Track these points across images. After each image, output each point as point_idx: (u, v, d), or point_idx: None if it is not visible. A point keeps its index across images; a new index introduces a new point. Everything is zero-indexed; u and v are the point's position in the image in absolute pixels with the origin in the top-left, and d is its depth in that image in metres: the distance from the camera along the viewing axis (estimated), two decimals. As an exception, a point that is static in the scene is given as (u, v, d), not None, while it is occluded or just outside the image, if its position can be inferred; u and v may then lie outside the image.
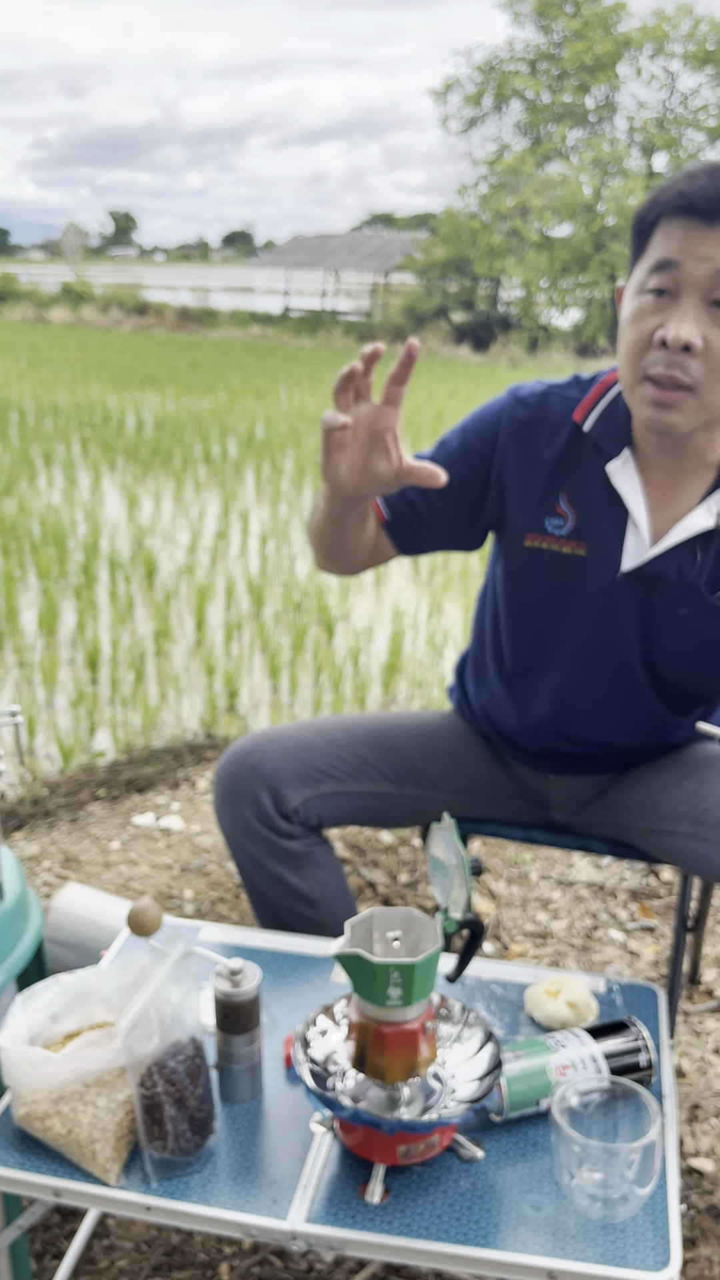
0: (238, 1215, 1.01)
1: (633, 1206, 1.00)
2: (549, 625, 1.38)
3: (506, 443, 1.34)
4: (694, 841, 1.33)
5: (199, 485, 7.14)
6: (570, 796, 1.52)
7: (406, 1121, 1.00)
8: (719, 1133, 1.52)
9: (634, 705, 1.40)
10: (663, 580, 1.30)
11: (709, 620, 1.31)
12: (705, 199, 1.12)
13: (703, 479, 1.29)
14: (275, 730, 1.46)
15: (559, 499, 1.32)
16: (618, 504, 1.29)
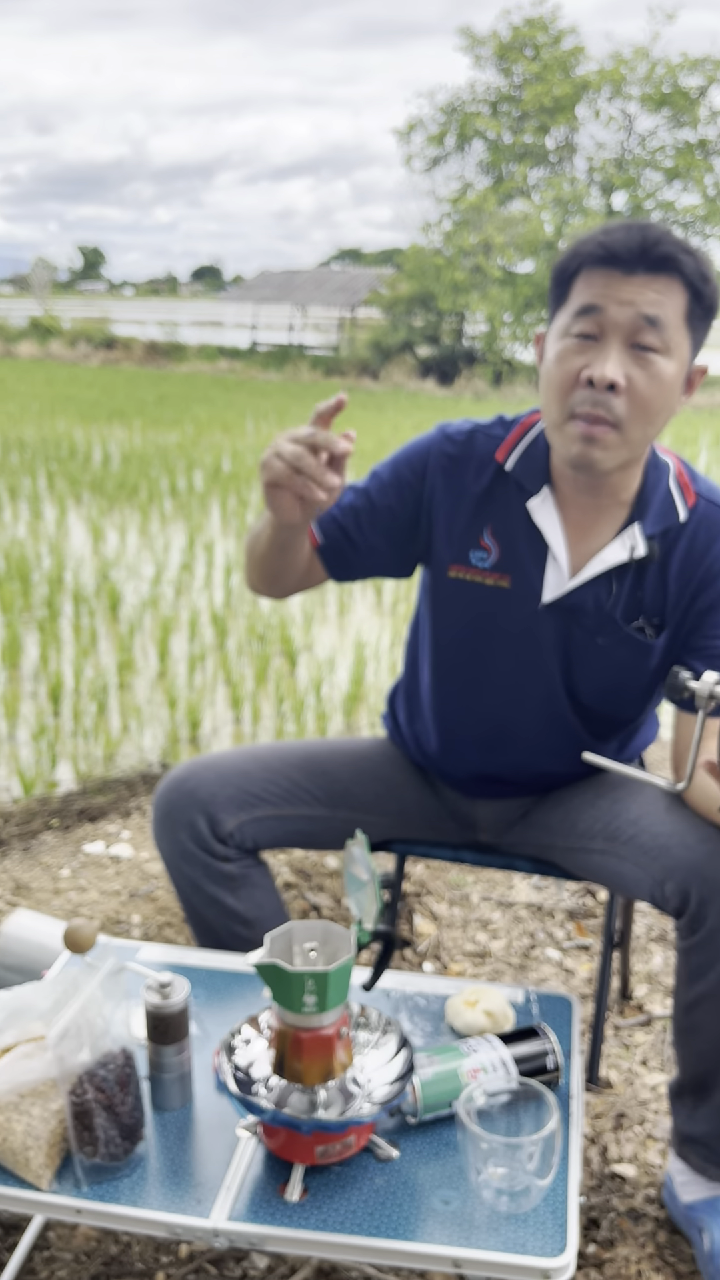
0: (164, 1215, 1.07)
1: (534, 1198, 1.07)
2: (475, 654, 1.45)
3: (435, 477, 1.42)
4: (607, 857, 1.41)
5: (165, 518, 7.21)
6: (496, 818, 1.59)
7: (322, 1121, 1.07)
8: (642, 1140, 1.59)
9: (557, 732, 1.47)
10: (581, 611, 1.38)
11: (624, 648, 1.39)
12: (625, 250, 1.22)
13: (617, 515, 1.38)
14: (211, 757, 1.53)
15: (483, 533, 1.40)
16: (538, 539, 1.38)
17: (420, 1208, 1.07)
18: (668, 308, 1.22)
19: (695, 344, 1.28)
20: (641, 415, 1.24)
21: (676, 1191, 1.41)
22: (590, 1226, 1.42)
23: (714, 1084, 1.31)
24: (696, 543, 1.36)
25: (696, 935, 1.25)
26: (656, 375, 1.23)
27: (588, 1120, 1.62)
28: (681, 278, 1.22)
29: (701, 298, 1.24)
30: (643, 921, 2.17)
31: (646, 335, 1.22)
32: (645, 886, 1.33)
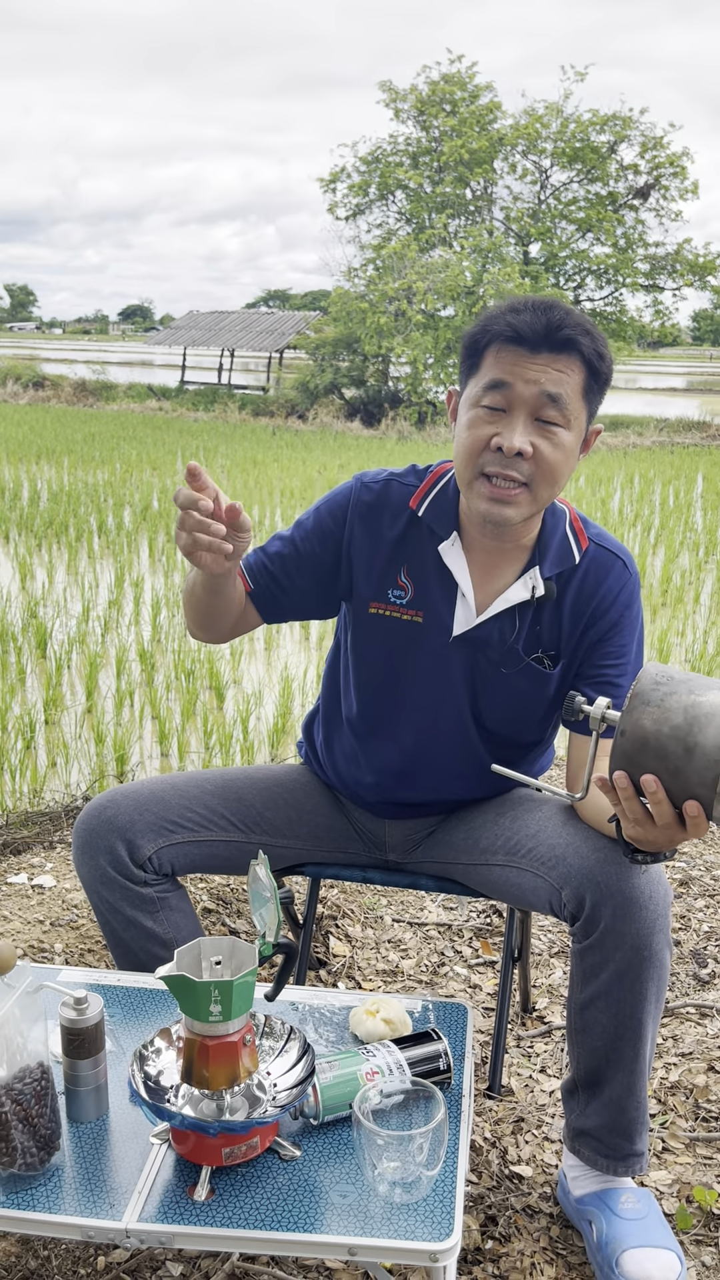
0: (78, 1220, 1.13)
1: (424, 1188, 1.16)
2: (393, 683, 1.57)
3: (354, 523, 1.55)
4: (508, 870, 1.52)
5: (93, 556, 7.23)
6: (403, 838, 1.69)
7: (227, 1122, 1.14)
8: (539, 1142, 1.69)
9: (466, 757, 1.59)
10: (487, 644, 1.51)
11: (525, 678, 1.53)
12: (531, 332, 1.36)
13: (519, 557, 1.52)
14: (130, 786, 1.61)
15: (400, 573, 1.53)
16: (449, 578, 1.51)
17: (320, 1202, 1.15)
18: (567, 385, 1.37)
19: (591, 412, 1.44)
20: (546, 478, 1.40)
21: (569, 1187, 1.50)
22: (488, 1223, 1.51)
23: (605, 1079, 1.42)
24: (587, 582, 1.51)
25: (590, 938, 1.36)
26: (558, 444, 1.39)
27: (489, 1125, 1.71)
28: (580, 357, 1.38)
29: (598, 374, 1.40)
30: (545, 937, 2.29)
31: (549, 410, 1.37)
32: (543, 895, 1.44)
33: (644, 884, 1.34)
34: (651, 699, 1.11)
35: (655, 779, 1.11)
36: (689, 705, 1.09)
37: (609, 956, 1.35)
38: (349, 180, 21.47)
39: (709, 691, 1.10)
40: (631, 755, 1.12)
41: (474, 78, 20.34)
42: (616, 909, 1.33)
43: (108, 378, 26.01)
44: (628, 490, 11.10)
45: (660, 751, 1.10)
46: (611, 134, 19.66)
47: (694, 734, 1.08)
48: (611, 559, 1.52)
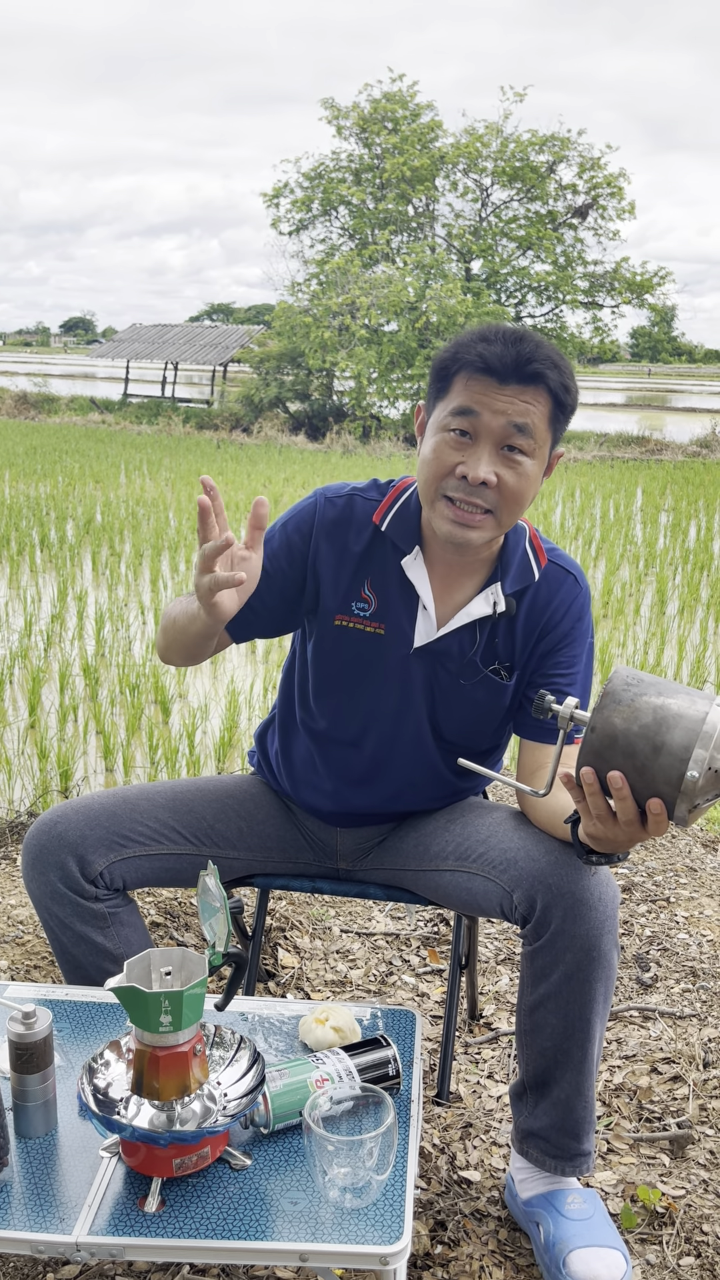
0: (27, 1235, 1.12)
1: (374, 1192, 1.17)
2: (353, 694, 1.60)
3: (319, 538, 1.57)
4: (458, 875, 1.54)
5: (35, 570, 7.15)
6: (354, 846, 1.71)
7: (177, 1132, 1.15)
8: (487, 1147, 1.71)
9: (423, 765, 1.62)
10: (447, 656, 1.55)
11: (483, 689, 1.56)
12: (500, 364, 1.40)
13: (480, 572, 1.56)
14: (80, 800, 1.60)
15: (364, 586, 1.56)
16: (411, 592, 1.54)
17: (270, 1210, 1.16)
18: (534, 415, 1.42)
19: (555, 439, 1.48)
20: (509, 505, 1.44)
21: (516, 1190, 1.53)
22: (437, 1228, 1.53)
23: (553, 1080, 1.45)
24: (539, 598, 1.55)
25: (541, 940, 1.39)
26: (523, 473, 1.43)
27: (437, 1131, 1.73)
28: (547, 389, 1.42)
29: (564, 405, 1.45)
30: (491, 945, 2.31)
31: (515, 439, 1.42)
32: (494, 899, 1.46)
33: (593, 885, 1.37)
34: (623, 699, 1.15)
35: (622, 775, 1.15)
36: (658, 706, 1.14)
37: (559, 958, 1.38)
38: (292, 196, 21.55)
39: (677, 695, 1.15)
40: (600, 751, 1.16)
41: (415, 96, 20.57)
42: (567, 910, 1.36)
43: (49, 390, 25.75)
44: (569, 504, 11.27)
45: (628, 749, 1.14)
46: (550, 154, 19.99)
47: (662, 734, 1.13)
48: (563, 574, 1.57)
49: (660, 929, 2.38)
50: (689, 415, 29.79)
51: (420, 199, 20.49)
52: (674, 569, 7.81)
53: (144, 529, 8.46)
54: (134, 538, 8.08)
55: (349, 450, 17.30)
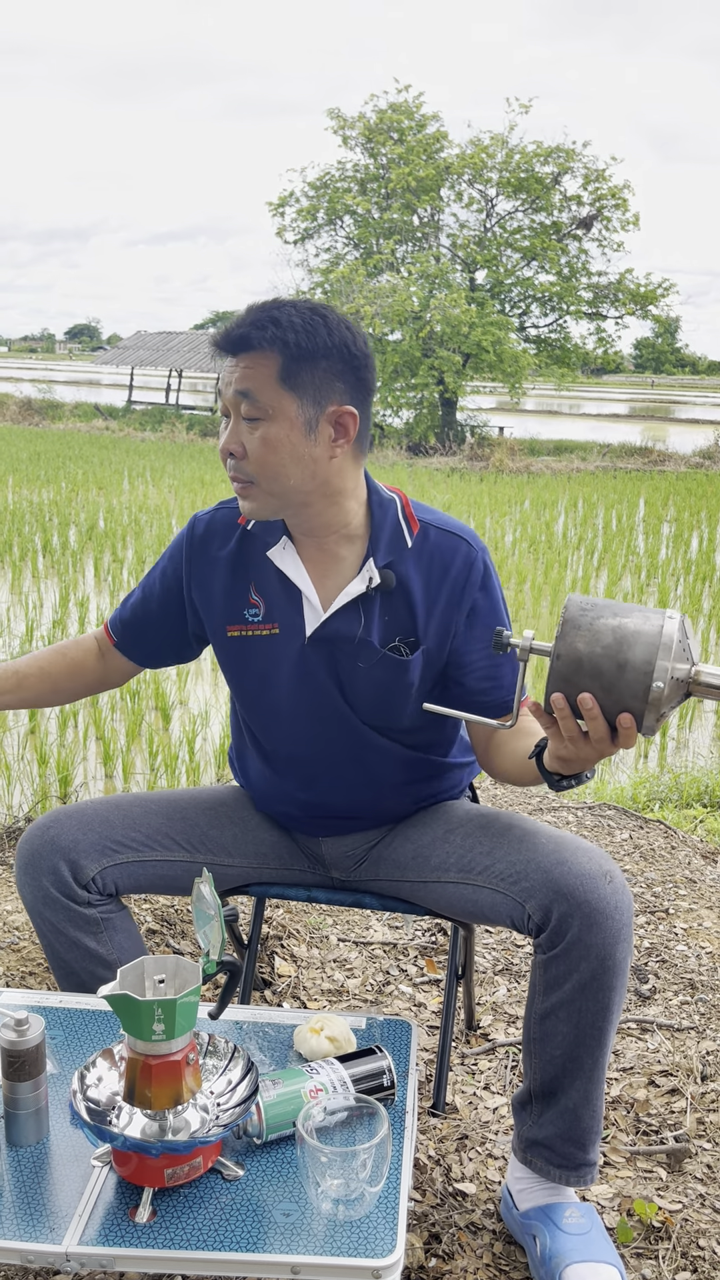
0: (16, 1244, 1.11)
1: (368, 1204, 1.16)
2: (269, 699, 1.59)
3: (191, 563, 1.59)
4: (462, 888, 1.53)
5: (38, 575, 7.16)
6: (344, 855, 1.70)
7: (169, 1142, 1.14)
8: (483, 1159, 1.70)
9: (368, 755, 1.58)
10: (340, 639, 1.52)
11: (383, 669, 1.53)
12: (225, 340, 1.42)
13: (356, 549, 1.52)
14: (73, 806, 1.60)
15: (249, 591, 1.56)
16: (291, 585, 1.53)
17: (263, 1221, 1.15)
18: (257, 379, 1.39)
19: (311, 395, 1.40)
20: (265, 472, 1.41)
21: (514, 1201, 1.51)
22: (432, 1241, 1.52)
23: (562, 1088, 1.43)
24: (435, 567, 1.52)
25: (556, 949, 1.38)
26: (263, 438, 1.40)
27: (433, 1143, 1.72)
28: (267, 348, 1.38)
29: (297, 356, 1.38)
30: (489, 955, 2.30)
31: (245, 407, 1.40)
32: (504, 911, 1.46)
33: (609, 894, 1.36)
34: (581, 624, 1.20)
35: (591, 696, 1.20)
36: (616, 627, 1.19)
37: (574, 967, 1.37)
38: (298, 205, 21.63)
39: (631, 614, 1.20)
40: (568, 677, 1.20)
41: (420, 107, 20.65)
42: (584, 920, 1.35)
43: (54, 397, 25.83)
44: (572, 514, 11.27)
45: (594, 671, 1.19)
46: (555, 165, 20.05)
47: (624, 651, 1.18)
48: (455, 540, 1.53)
49: (659, 940, 2.37)
50: (692, 426, 29.82)
51: (425, 209, 20.55)
52: (676, 580, 7.80)
53: (146, 535, 8.47)
54: (136, 544, 8.09)
55: (352, 459, 17.30)
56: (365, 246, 21.19)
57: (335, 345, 1.40)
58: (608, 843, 2.89)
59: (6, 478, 12.04)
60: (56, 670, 1.66)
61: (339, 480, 1.46)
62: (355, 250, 21.54)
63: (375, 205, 20.62)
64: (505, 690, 1.55)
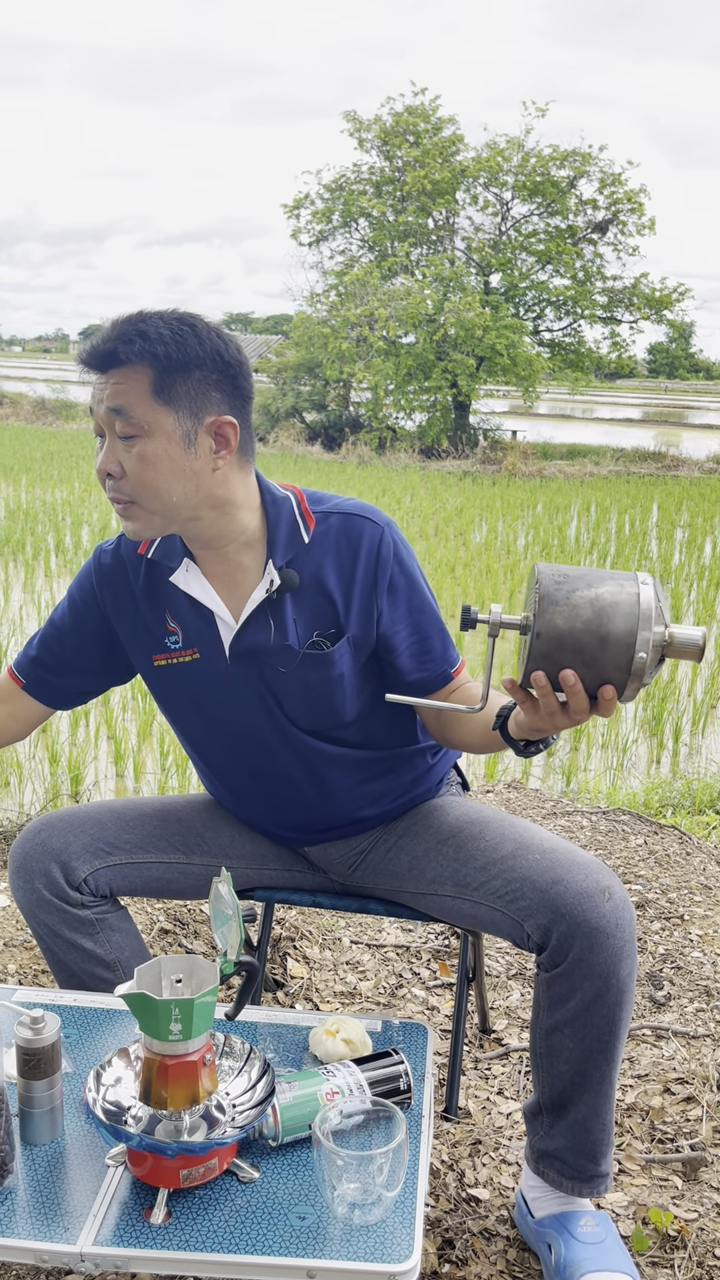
0: (31, 1243, 1.11)
1: (384, 1208, 1.15)
2: (206, 725, 1.57)
3: (103, 591, 1.55)
4: (460, 902, 1.51)
5: (50, 574, 7.18)
6: (335, 861, 1.67)
7: (185, 1143, 1.13)
8: (496, 1165, 1.68)
9: (319, 763, 1.55)
10: (257, 651, 1.48)
11: (305, 668, 1.49)
12: (91, 357, 1.36)
13: (256, 555, 1.47)
14: (66, 810, 1.60)
15: (166, 619, 1.52)
16: (201, 606, 1.50)
17: (278, 1224, 1.14)
18: (129, 394, 1.33)
19: (187, 407, 1.35)
20: (146, 490, 1.36)
21: (528, 1209, 1.50)
22: (445, 1246, 1.50)
23: (569, 1103, 1.42)
24: (344, 551, 1.47)
25: (558, 968, 1.36)
26: (140, 455, 1.35)
27: (446, 1148, 1.71)
28: (136, 362, 1.33)
29: (168, 369, 1.33)
30: (502, 959, 2.29)
31: (119, 424, 1.34)
32: (504, 927, 1.44)
33: (610, 911, 1.34)
34: (559, 598, 1.18)
35: (574, 673, 1.18)
36: (593, 599, 1.17)
37: (577, 986, 1.35)
38: (313, 207, 21.64)
39: (605, 583, 1.19)
40: (549, 654, 1.19)
41: (437, 110, 20.65)
42: (584, 940, 1.33)
43: (67, 397, 25.88)
44: (584, 518, 11.24)
45: (575, 646, 1.18)
46: (571, 169, 20.01)
47: (604, 624, 1.17)
48: (359, 521, 1.48)
49: (674, 947, 2.35)
50: (706, 432, 29.73)
51: (440, 212, 20.54)
52: (689, 585, 7.77)
53: (159, 536, 8.47)
54: (149, 544, 8.09)
55: (364, 461, 17.32)
56: (380, 249, 21.20)
57: (207, 354, 1.36)
58: (622, 848, 2.87)
59: (20, 477, 12.07)
60: None
61: (225, 491, 1.41)
62: (370, 253, 21.54)
63: (390, 208, 20.63)
64: (437, 662, 1.53)
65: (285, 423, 20.34)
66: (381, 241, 21.12)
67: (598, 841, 2.91)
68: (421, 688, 1.52)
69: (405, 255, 20.35)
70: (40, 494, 10.82)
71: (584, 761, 4.38)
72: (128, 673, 1.62)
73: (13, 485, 11.41)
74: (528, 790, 3.43)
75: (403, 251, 20.33)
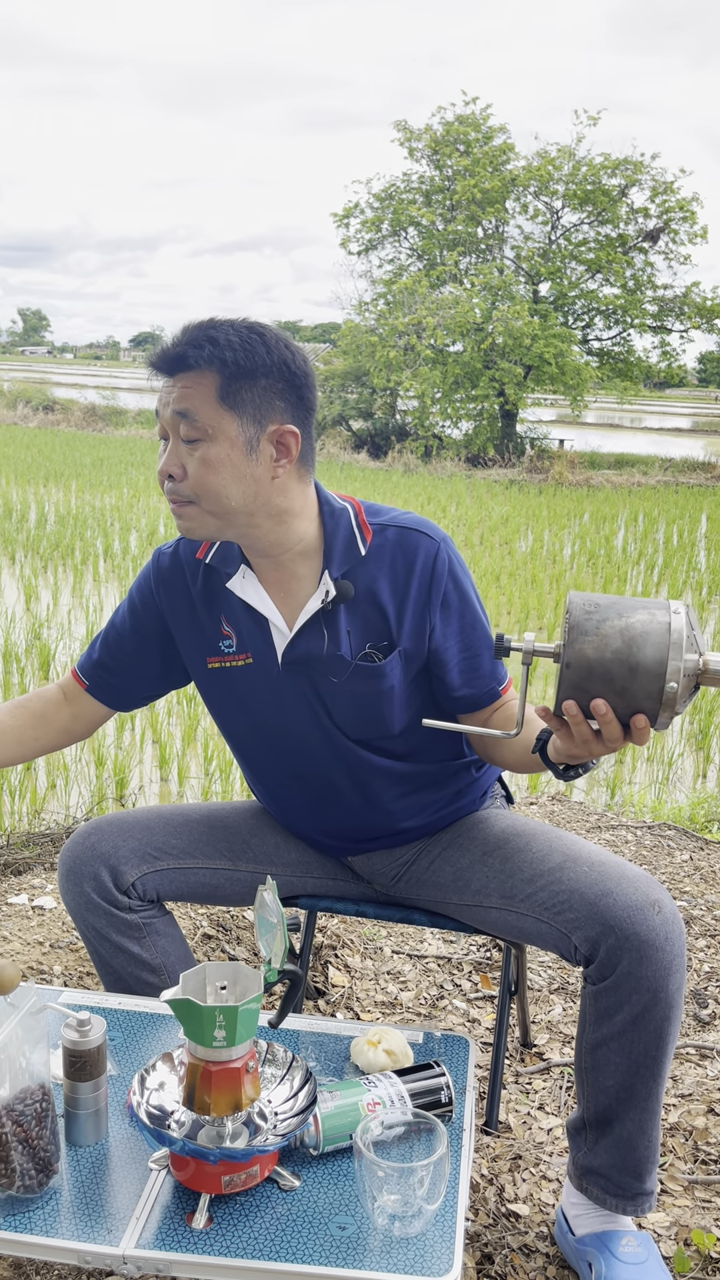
0: (75, 1244, 1.12)
1: (425, 1221, 1.15)
2: (257, 730, 1.58)
3: (161, 595, 1.57)
4: (505, 914, 1.51)
5: (98, 579, 7.26)
6: (378, 871, 1.67)
7: (227, 1149, 1.14)
8: (536, 1180, 1.67)
9: (364, 773, 1.55)
10: (310, 659, 1.49)
11: (357, 678, 1.49)
12: (161, 357, 1.39)
13: (312, 565, 1.48)
14: (116, 815, 1.62)
15: (222, 623, 1.54)
16: (256, 612, 1.51)
17: (318, 1234, 1.14)
18: (195, 398, 1.36)
19: (251, 414, 1.37)
20: (206, 493, 1.38)
21: (569, 1226, 1.49)
22: (484, 1261, 1.50)
23: (615, 1118, 1.41)
24: (399, 565, 1.48)
25: (606, 981, 1.35)
26: (203, 459, 1.37)
27: (486, 1162, 1.70)
28: (204, 367, 1.36)
29: (235, 375, 1.36)
30: (545, 973, 2.27)
31: (183, 428, 1.37)
32: (550, 940, 1.43)
33: (659, 925, 1.33)
34: (588, 628, 1.18)
35: (605, 702, 1.18)
36: (624, 629, 1.17)
37: (625, 1000, 1.34)
38: (362, 216, 21.70)
39: (636, 612, 1.18)
40: (579, 683, 1.19)
41: (488, 119, 20.62)
42: (634, 954, 1.32)
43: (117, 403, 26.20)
44: (632, 528, 11.14)
45: (606, 676, 1.18)
46: (623, 178, 19.87)
47: (634, 654, 1.16)
48: (416, 536, 1.49)
49: (719, 965, 2.32)
50: (757, 442, 29.30)
51: (490, 221, 20.49)
52: (739, 597, 7.67)
53: (206, 542, 8.54)
54: (196, 550, 8.15)
55: (410, 469, 17.32)
56: (429, 258, 21.21)
57: (274, 363, 1.38)
58: (667, 864, 2.84)
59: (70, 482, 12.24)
60: (18, 724, 1.60)
61: (283, 500, 1.43)
62: (419, 262, 21.56)
63: (440, 217, 20.63)
64: (485, 679, 1.53)
65: (331, 430, 20.41)
66: (430, 250, 21.13)
67: (642, 856, 2.88)
68: (470, 704, 1.53)
69: (454, 264, 20.34)
70: (90, 499, 10.96)
71: (629, 775, 4.34)
72: (185, 676, 1.64)
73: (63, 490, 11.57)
74: (571, 804, 3.41)
75: (451, 260, 20.32)
